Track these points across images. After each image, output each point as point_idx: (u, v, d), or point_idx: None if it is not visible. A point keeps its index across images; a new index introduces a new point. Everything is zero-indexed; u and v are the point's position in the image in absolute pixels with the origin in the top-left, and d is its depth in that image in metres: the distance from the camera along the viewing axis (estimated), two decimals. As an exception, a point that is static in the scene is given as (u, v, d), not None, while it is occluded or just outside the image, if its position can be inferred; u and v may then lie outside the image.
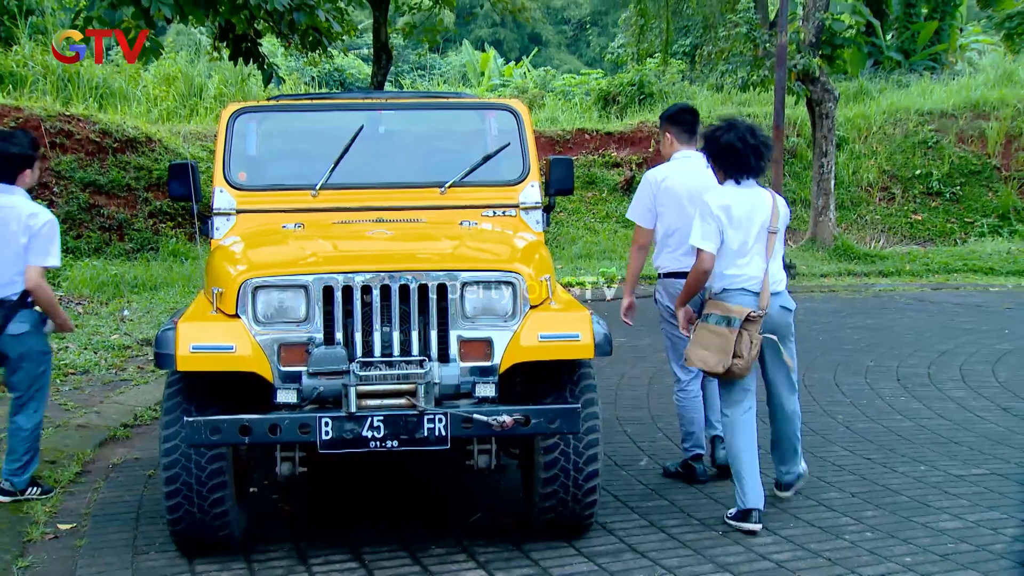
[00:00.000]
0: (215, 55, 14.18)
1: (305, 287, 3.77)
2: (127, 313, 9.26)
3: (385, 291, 3.79)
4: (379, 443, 3.61)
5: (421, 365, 3.71)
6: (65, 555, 4.10)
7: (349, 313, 3.79)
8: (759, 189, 4.46)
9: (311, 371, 3.72)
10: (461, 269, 3.86)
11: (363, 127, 4.88)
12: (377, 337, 3.78)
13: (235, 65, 12.34)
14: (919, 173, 17.89)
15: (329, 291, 3.77)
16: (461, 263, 3.92)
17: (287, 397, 3.73)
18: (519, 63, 29.34)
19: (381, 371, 3.70)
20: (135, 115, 15.34)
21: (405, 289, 3.80)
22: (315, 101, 5.85)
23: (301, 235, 4.44)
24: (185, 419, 3.57)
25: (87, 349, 7.65)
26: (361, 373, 3.67)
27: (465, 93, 8.97)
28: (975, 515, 4.48)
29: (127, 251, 12.26)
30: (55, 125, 12.57)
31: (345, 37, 14.74)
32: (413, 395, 3.65)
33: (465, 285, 3.83)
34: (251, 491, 4.42)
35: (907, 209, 17.62)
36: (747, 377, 4.38)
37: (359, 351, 3.77)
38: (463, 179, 4.89)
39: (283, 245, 4.30)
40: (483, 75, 27.76)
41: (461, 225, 4.67)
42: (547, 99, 21.77)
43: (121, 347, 7.87)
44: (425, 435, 3.62)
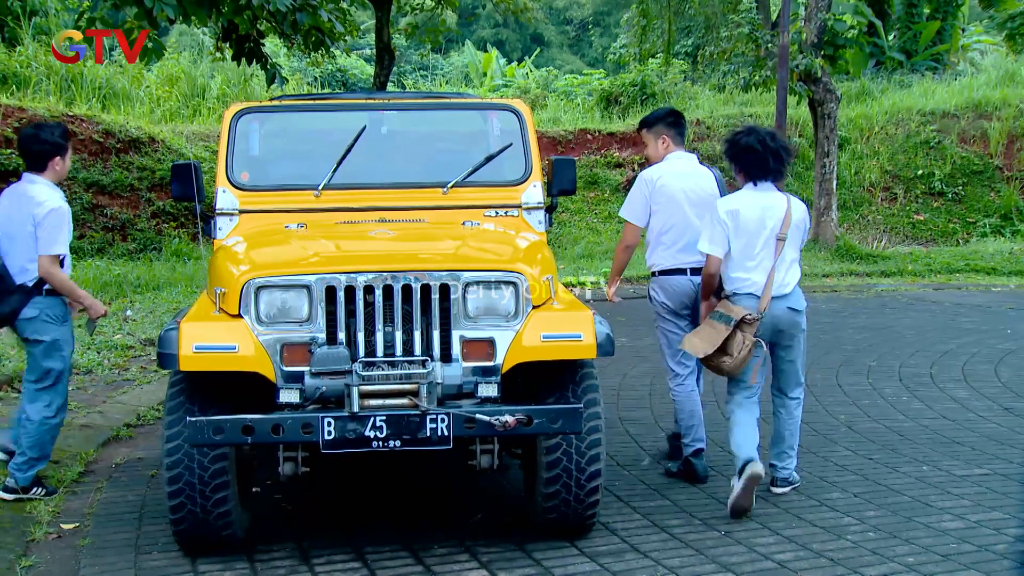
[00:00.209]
0: (218, 55, 14.23)
1: (308, 287, 3.77)
2: (130, 313, 9.27)
3: (388, 291, 3.79)
4: (382, 443, 3.61)
5: (423, 365, 3.71)
6: (68, 555, 4.10)
7: (352, 313, 3.79)
8: (776, 193, 4.58)
9: (314, 371, 3.72)
10: (464, 269, 3.86)
11: (365, 127, 4.88)
12: (380, 337, 3.79)
13: (238, 65, 12.36)
14: (921, 173, 17.89)
15: (332, 291, 3.77)
16: (464, 263, 3.92)
17: (290, 397, 3.73)
18: (521, 63, 29.35)
19: (384, 371, 3.70)
20: (138, 115, 15.37)
21: (408, 289, 3.80)
22: (318, 101, 5.85)
23: (304, 235, 4.45)
24: (188, 419, 3.57)
25: (90, 349, 7.66)
26: (364, 373, 3.67)
27: (467, 93, 8.97)
28: (977, 515, 4.48)
29: (130, 251, 12.29)
30: (58, 126, 12.59)
31: (348, 37, 14.77)
32: (416, 395, 3.65)
33: (467, 285, 3.83)
34: (254, 491, 4.42)
35: (909, 209, 17.62)
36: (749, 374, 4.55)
37: (362, 351, 3.77)
38: (465, 179, 4.89)
39: (286, 245, 4.30)
40: (485, 75, 27.79)
41: (463, 225, 4.67)
42: (549, 99, 21.80)
43: (124, 347, 7.89)
44: (428, 435, 3.62)
